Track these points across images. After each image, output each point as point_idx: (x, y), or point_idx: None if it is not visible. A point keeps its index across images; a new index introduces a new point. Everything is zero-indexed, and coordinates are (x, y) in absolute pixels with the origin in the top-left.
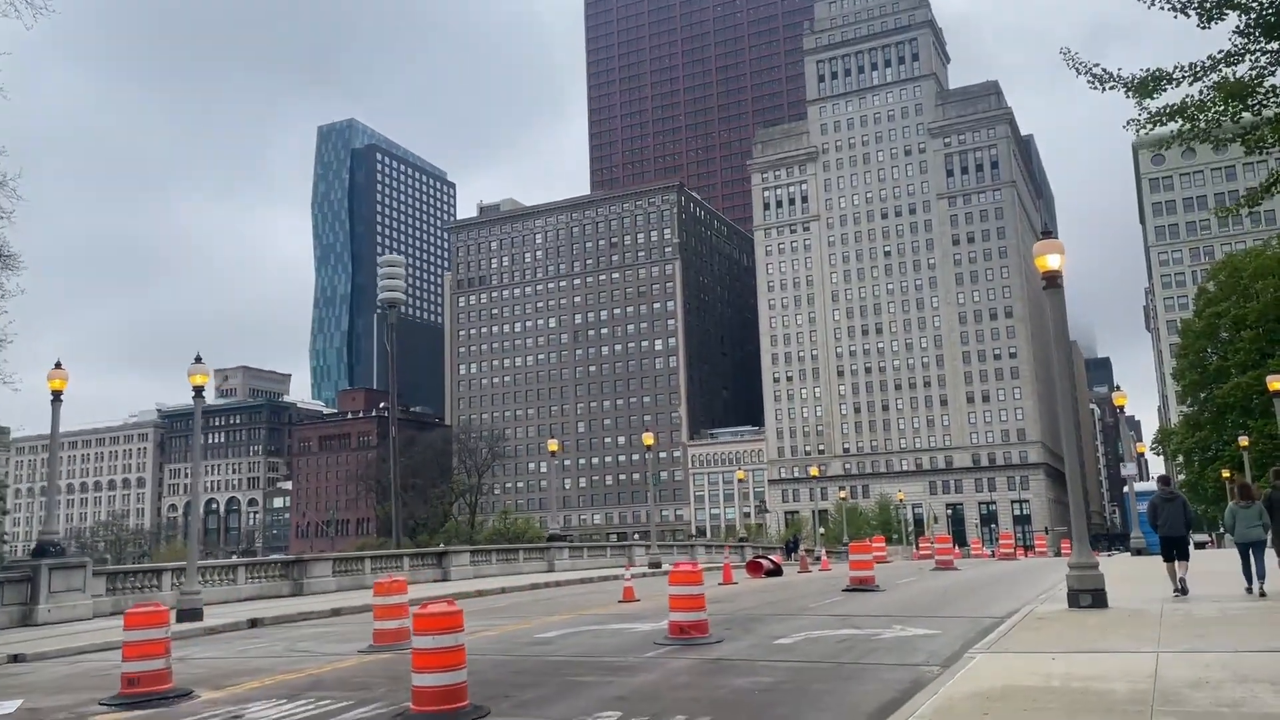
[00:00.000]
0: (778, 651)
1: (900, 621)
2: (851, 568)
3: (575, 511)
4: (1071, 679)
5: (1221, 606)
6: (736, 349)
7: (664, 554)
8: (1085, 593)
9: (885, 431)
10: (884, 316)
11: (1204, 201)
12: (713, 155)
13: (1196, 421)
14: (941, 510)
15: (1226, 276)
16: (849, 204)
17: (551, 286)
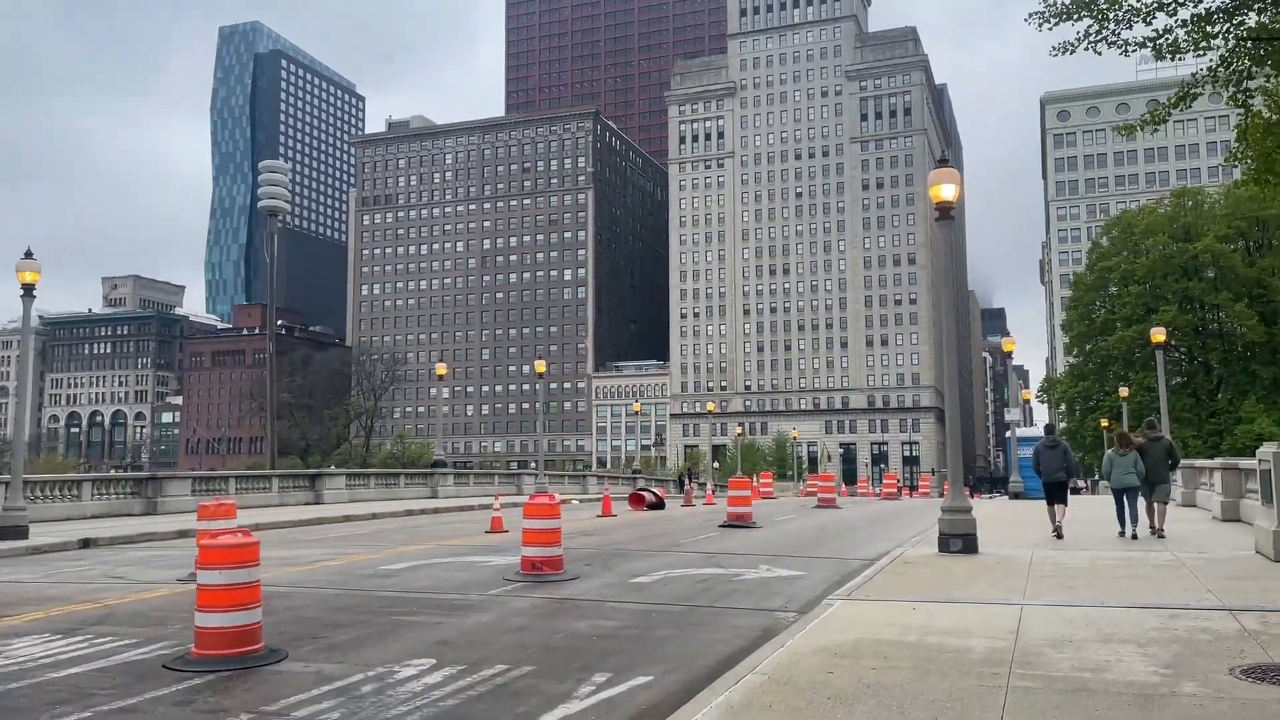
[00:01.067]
0: (632, 591)
1: (768, 561)
2: (729, 504)
3: (477, 439)
4: (929, 633)
5: (1092, 556)
6: (646, 283)
7: (554, 484)
8: (956, 537)
9: (786, 371)
10: (792, 257)
11: (1104, 160)
12: (631, 85)
13: (1081, 372)
14: (835, 449)
15: (1119, 233)
16: (764, 142)
17: (460, 209)
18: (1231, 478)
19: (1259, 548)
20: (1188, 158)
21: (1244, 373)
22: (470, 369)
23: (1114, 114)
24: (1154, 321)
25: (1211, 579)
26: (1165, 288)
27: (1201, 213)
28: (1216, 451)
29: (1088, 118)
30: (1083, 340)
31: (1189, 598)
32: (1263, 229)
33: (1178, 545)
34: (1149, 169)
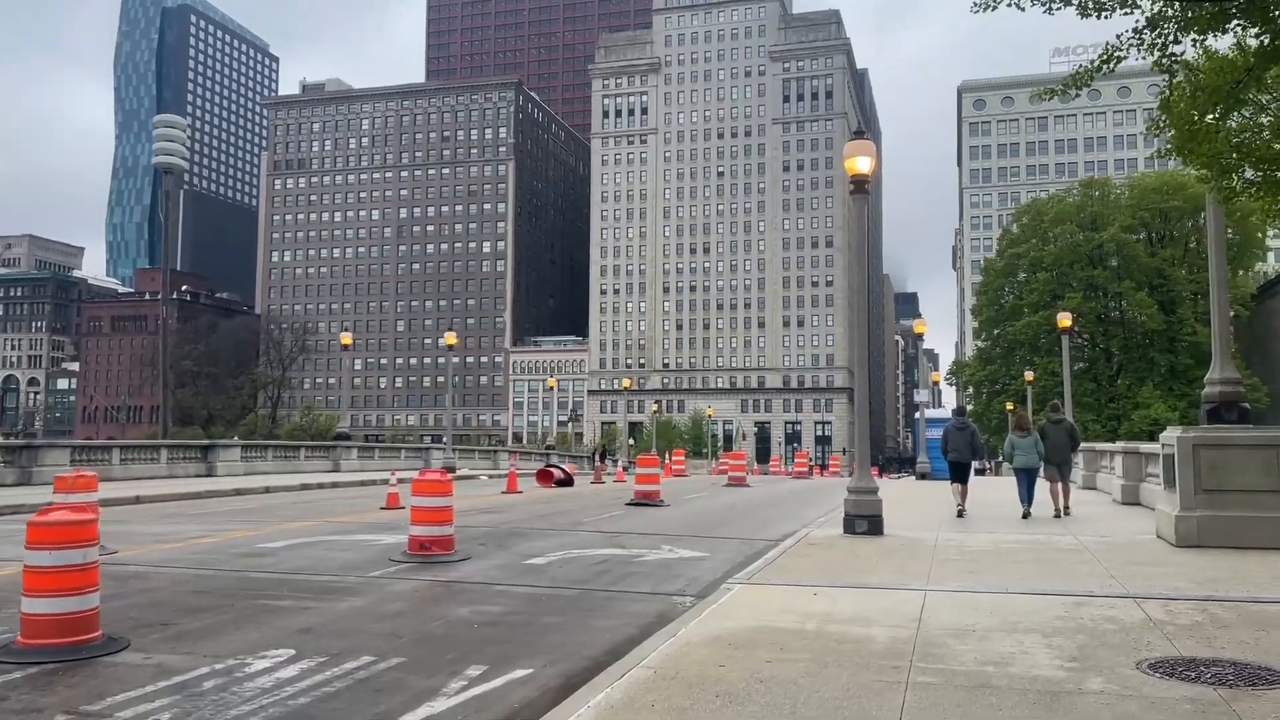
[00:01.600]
0: (525, 574)
1: (671, 541)
2: (636, 481)
3: (389, 411)
4: (830, 621)
5: (996, 539)
6: (566, 258)
7: (465, 459)
8: (862, 519)
9: (704, 349)
10: (712, 236)
11: (1016, 149)
12: (555, 57)
13: (989, 356)
14: (751, 428)
15: (1029, 220)
16: (687, 120)
17: (377, 177)
18: (1132, 461)
19: (1160, 532)
20: (1095, 150)
21: (1143, 360)
22: (384, 340)
23: (1028, 104)
24: (1060, 308)
25: (1115, 564)
26: (1071, 275)
27: (1108, 203)
28: (1115, 435)
29: (1002, 107)
30: (991, 325)
31: (1093, 584)
32: (1164, 220)
33: (1080, 528)
34: (1059, 160)
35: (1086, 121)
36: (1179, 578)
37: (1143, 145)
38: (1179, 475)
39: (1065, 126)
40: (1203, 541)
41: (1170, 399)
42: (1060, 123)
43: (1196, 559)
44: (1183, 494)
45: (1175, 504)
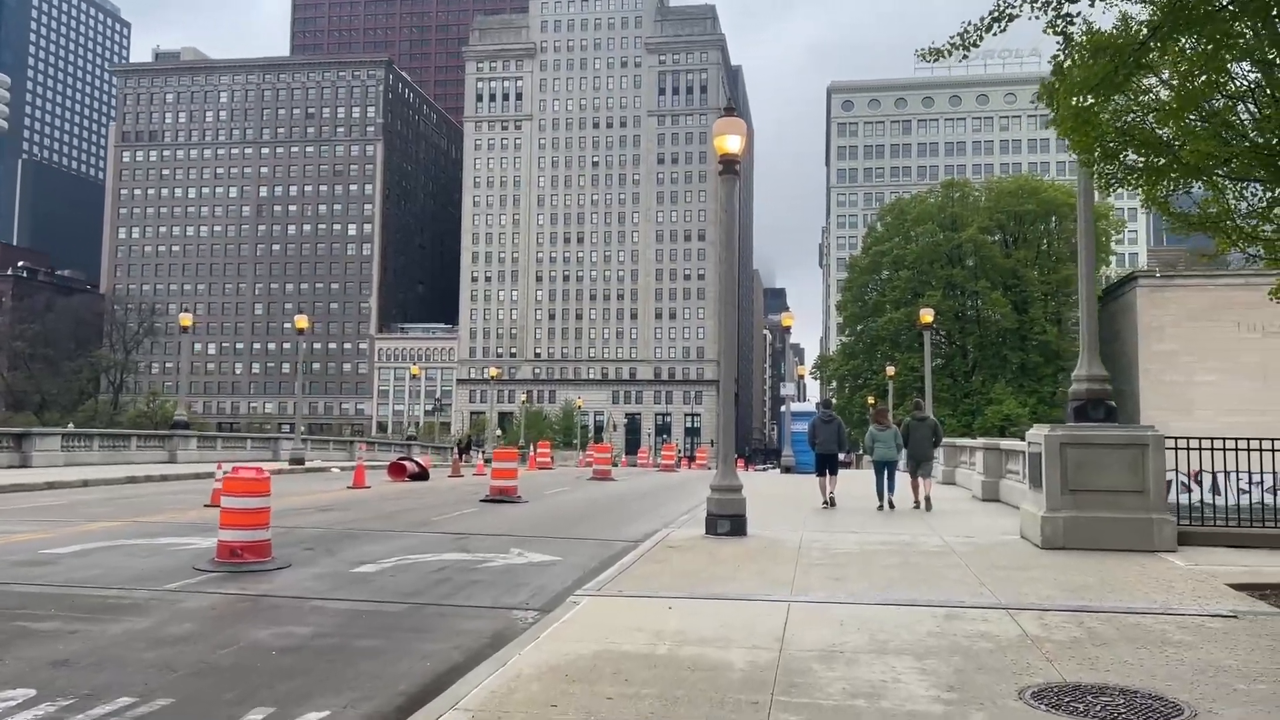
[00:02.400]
0: (350, 585)
1: (523, 544)
2: (493, 476)
3: (245, 398)
4: (684, 642)
5: (861, 539)
6: (436, 243)
7: (318, 449)
8: (724, 519)
9: (576, 340)
10: (586, 226)
11: (881, 151)
12: (428, 37)
13: (852, 351)
14: (621, 419)
15: (893, 219)
16: (563, 108)
17: (235, 152)
18: (993, 458)
19: (1025, 532)
20: (955, 154)
21: (996, 357)
22: (240, 324)
23: (893, 108)
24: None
25: (983, 568)
26: (932, 274)
27: (967, 204)
28: (970, 430)
29: (869, 109)
30: (855, 320)
31: (963, 592)
32: (1019, 223)
33: (944, 527)
34: (921, 162)
35: (948, 126)
36: (1049, 584)
37: (999, 151)
38: (1045, 475)
39: (928, 130)
40: (1068, 543)
41: (1021, 395)
42: (923, 126)
43: (1063, 562)
44: (1049, 494)
45: (1041, 504)
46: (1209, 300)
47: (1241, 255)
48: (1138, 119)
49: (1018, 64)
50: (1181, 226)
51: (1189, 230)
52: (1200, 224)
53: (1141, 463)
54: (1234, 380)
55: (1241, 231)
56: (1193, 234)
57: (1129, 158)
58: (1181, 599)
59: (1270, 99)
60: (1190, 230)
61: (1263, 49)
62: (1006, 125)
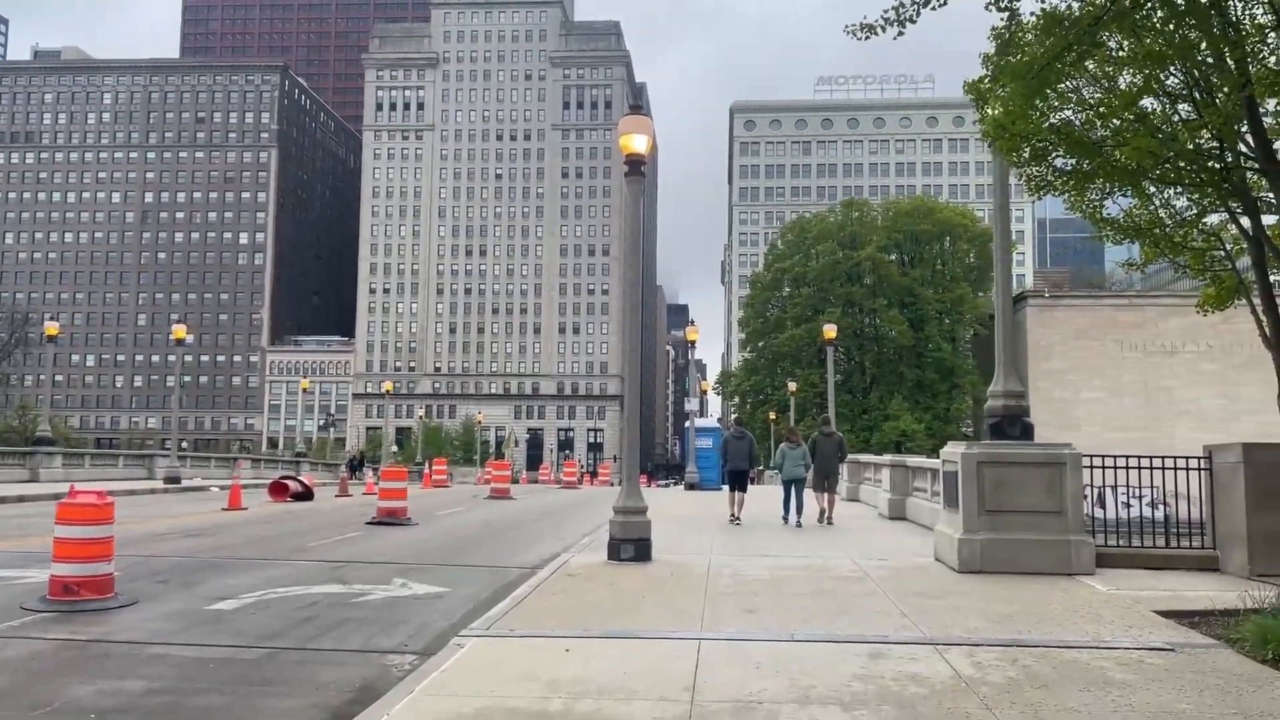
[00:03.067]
0: (202, 625)
1: (408, 573)
2: (380, 496)
3: (126, 413)
4: (581, 694)
5: (772, 564)
6: (333, 254)
7: (198, 467)
8: (628, 543)
9: (478, 354)
10: (489, 239)
11: (782, 170)
12: (327, 44)
13: (754, 367)
14: (523, 434)
15: (794, 237)
16: (465, 119)
17: (119, 156)
18: (900, 475)
19: (940, 554)
20: (853, 175)
21: (893, 374)
22: (122, 335)
23: (794, 128)
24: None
25: (902, 596)
26: (832, 291)
27: (866, 224)
28: (868, 445)
29: (770, 130)
30: (757, 337)
31: (885, 625)
32: (915, 242)
33: (856, 548)
34: (820, 183)
35: (846, 148)
36: (974, 614)
37: (894, 173)
38: (962, 495)
39: (827, 151)
40: (985, 566)
41: (917, 411)
42: (823, 147)
43: (984, 588)
44: (965, 515)
45: (958, 525)
46: (1094, 320)
47: (1169, 265)
48: (1076, 115)
49: (913, 89)
50: (1111, 234)
51: (1119, 239)
52: (1130, 232)
53: (1059, 483)
54: (1117, 398)
55: (1170, 240)
56: (1124, 242)
57: (1058, 160)
58: (1113, 630)
59: (1205, 101)
60: (1120, 239)
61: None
62: (902, 148)
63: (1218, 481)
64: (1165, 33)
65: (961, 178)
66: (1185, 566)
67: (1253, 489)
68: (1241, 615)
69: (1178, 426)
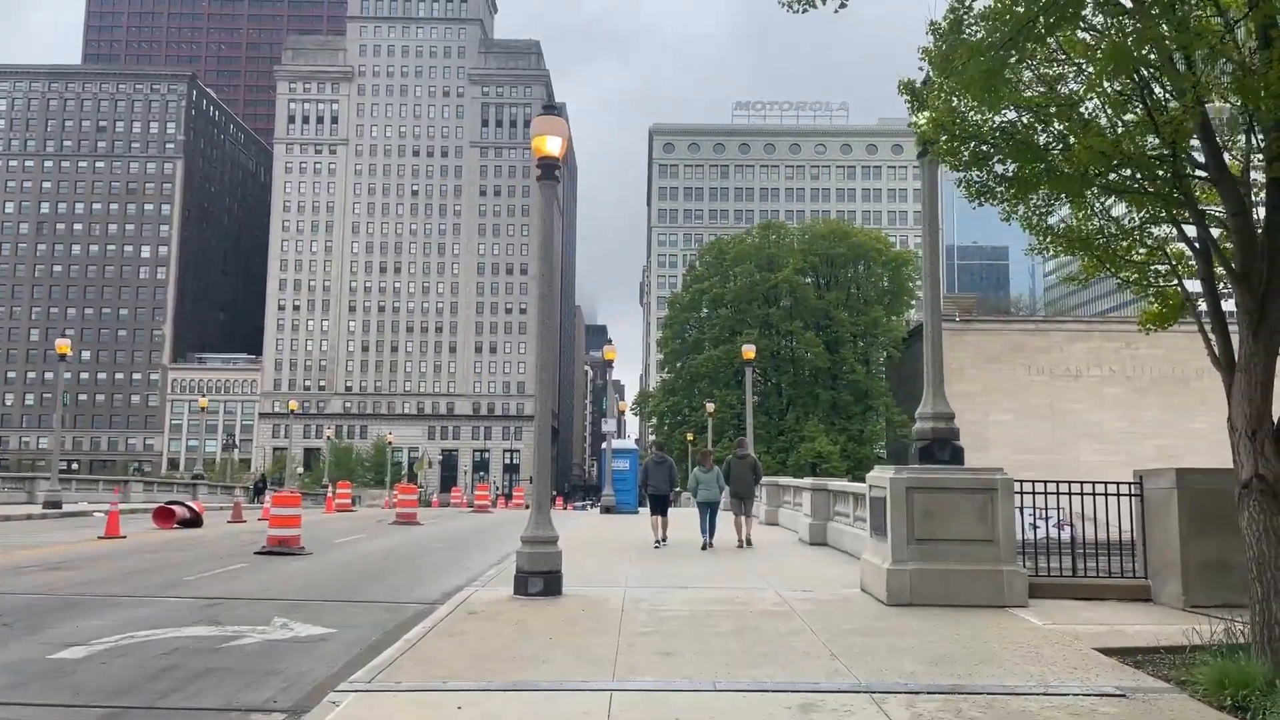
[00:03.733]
0: (42, 679)
1: (292, 611)
2: (270, 524)
3: (16, 433)
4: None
5: (691, 597)
6: (241, 269)
7: (84, 489)
8: (537, 576)
9: (391, 373)
10: (404, 256)
11: (700, 194)
12: (237, 54)
13: (672, 388)
14: (437, 455)
15: (713, 258)
16: (381, 134)
17: (14, 164)
18: (821, 499)
19: (866, 585)
20: (770, 200)
21: (809, 395)
22: (13, 351)
23: (712, 152)
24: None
25: (831, 635)
26: (749, 313)
27: (783, 246)
28: (784, 468)
29: (689, 153)
30: (675, 357)
31: (816, 670)
32: (831, 265)
33: (778, 577)
34: (738, 206)
35: (763, 173)
36: (910, 656)
37: (809, 199)
38: (891, 522)
39: (744, 176)
40: (915, 599)
41: (832, 433)
42: (740, 171)
43: (917, 624)
44: (895, 544)
45: (886, 555)
46: (1003, 344)
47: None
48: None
49: (827, 117)
50: (1051, 245)
51: (1064, 249)
52: (1073, 244)
53: (990, 509)
54: (1025, 420)
55: (1113, 254)
56: (1063, 254)
57: (998, 166)
58: (1057, 672)
59: (1157, 103)
60: (1064, 249)
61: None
62: (817, 174)
63: (1149, 508)
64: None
65: (874, 204)
66: (1116, 596)
67: (1188, 516)
68: (1188, 653)
69: (1081, 449)
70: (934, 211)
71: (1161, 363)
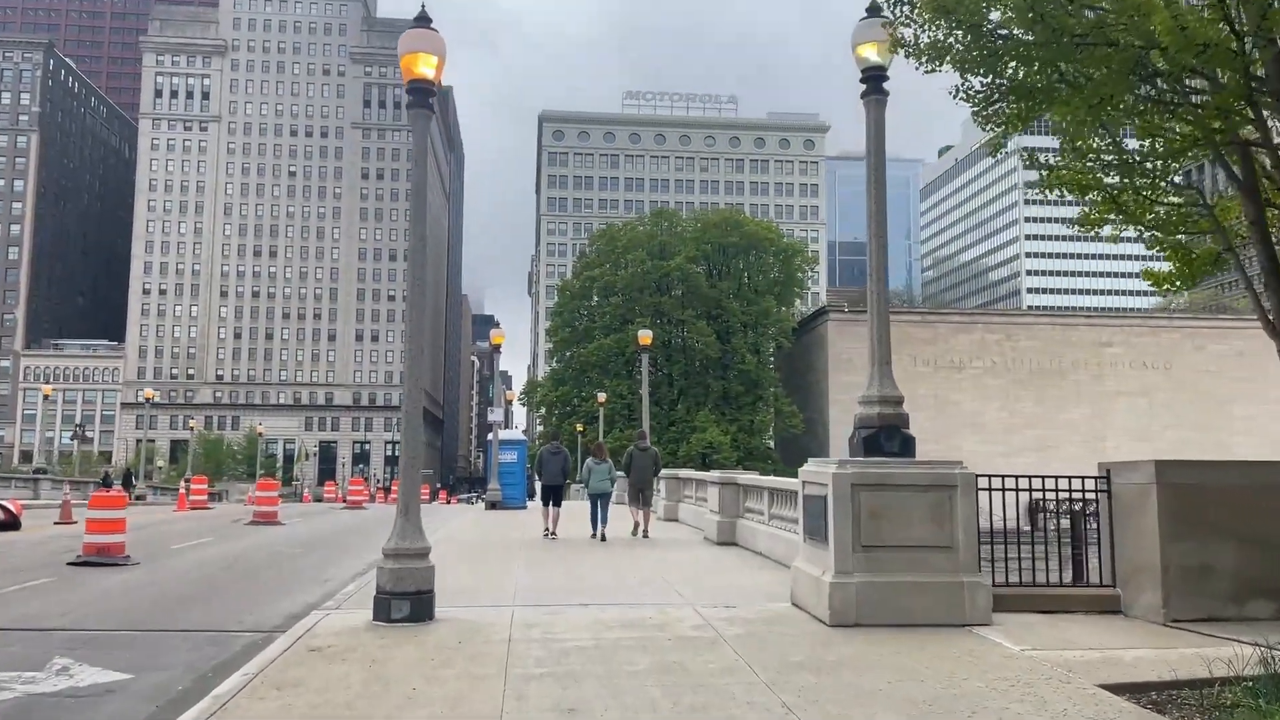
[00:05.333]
0: None
1: (82, 647)
2: (88, 529)
3: None
4: None
5: (594, 618)
6: (103, 250)
7: None
8: (402, 598)
9: (266, 361)
10: (280, 240)
11: (590, 182)
12: (101, 24)
13: (562, 377)
14: (314, 447)
15: (605, 245)
16: (256, 112)
17: None
18: (730, 494)
19: (799, 599)
20: (660, 191)
21: (700, 385)
22: None
23: (602, 141)
24: (631, 332)
25: (775, 672)
26: (641, 301)
27: (676, 234)
28: (675, 458)
29: (579, 141)
30: (565, 346)
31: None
32: (724, 255)
33: (690, 587)
34: (628, 196)
35: (653, 163)
36: (879, 700)
37: (699, 190)
38: (834, 526)
39: (634, 166)
40: (863, 618)
41: (723, 424)
42: (630, 161)
43: (874, 652)
44: (838, 552)
45: (827, 565)
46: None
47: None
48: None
49: (716, 109)
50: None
51: (1072, 190)
52: (1080, 185)
53: (948, 510)
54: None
55: (1138, 195)
56: (1078, 194)
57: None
58: None
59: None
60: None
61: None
62: (706, 166)
63: (1119, 506)
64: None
65: (762, 197)
66: (1082, 609)
67: (1168, 515)
68: (1218, 690)
69: (965, 439)
70: (880, 161)
71: (1040, 355)
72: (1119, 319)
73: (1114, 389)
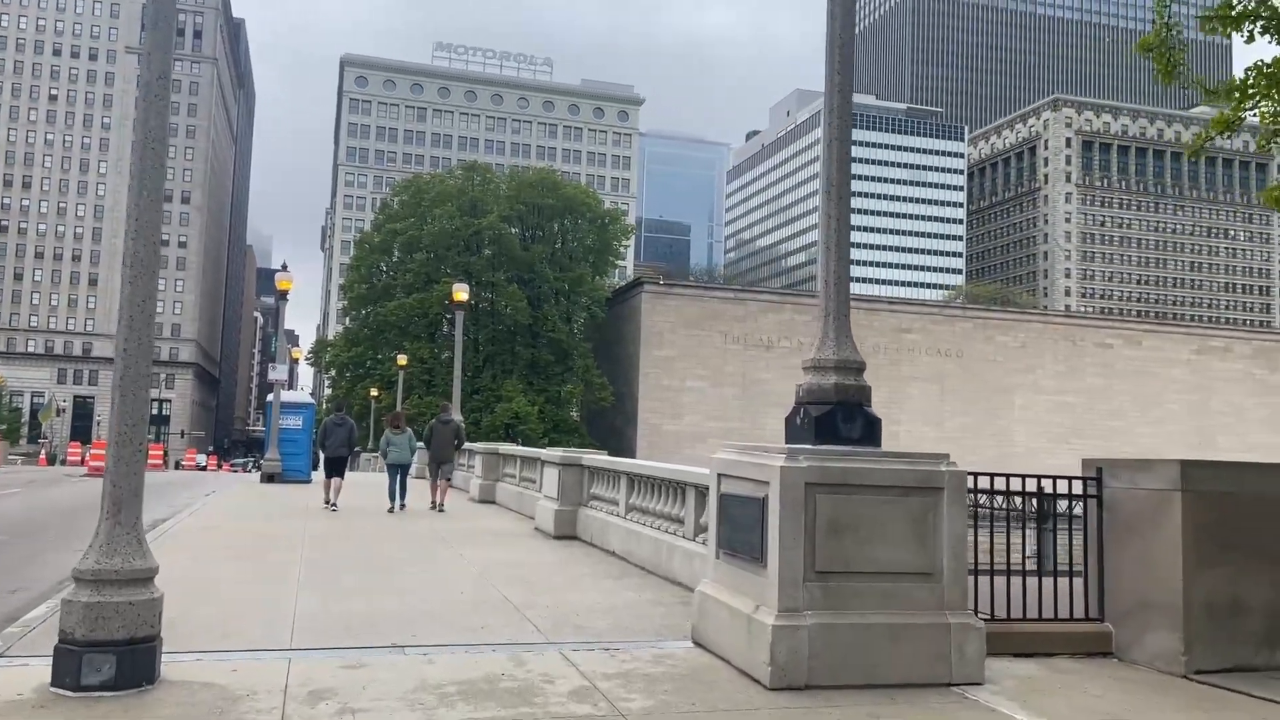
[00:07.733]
0: None
1: None
2: None
3: None
4: None
5: (420, 679)
6: None
7: None
8: (104, 651)
9: (14, 304)
10: (37, 170)
11: (395, 135)
12: None
13: (356, 337)
14: (70, 402)
15: (410, 197)
16: (14, 25)
17: None
18: (572, 477)
19: (711, 642)
20: (469, 150)
21: (508, 353)
22: None
23: (409, 92)
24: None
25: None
26: (449, 260)
27: (488, 191)
28: (478, 429)
29: (385, 90)
30: (361, 304)
31: None
32: (539, 216)
33: (546, 611)
34: (434, 152)
35: (463, 120)
36: None
37: (509, 153)
38: (779, 543)
39: (443, 121)
40: (817, 678)
41: (531, 394)
42: (438, 116)
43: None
44: (784, 581)
45: (766, 599)
46: (702, 311)
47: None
48: None
49: (531, 71)
50: None
51: None
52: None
53: (932, 521)
54: (718, 388)
55: None
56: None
57: None
58: None
59: None
60: None
61: None
62: (518, 129)
63: (1116, 518)
64: None
65: (575, 165)
66: (1066, 650)
67: (1196, 533)
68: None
69: (770, 418)
70: (848, 57)
71: None
72: (919, 306)
73: (909, 374)
